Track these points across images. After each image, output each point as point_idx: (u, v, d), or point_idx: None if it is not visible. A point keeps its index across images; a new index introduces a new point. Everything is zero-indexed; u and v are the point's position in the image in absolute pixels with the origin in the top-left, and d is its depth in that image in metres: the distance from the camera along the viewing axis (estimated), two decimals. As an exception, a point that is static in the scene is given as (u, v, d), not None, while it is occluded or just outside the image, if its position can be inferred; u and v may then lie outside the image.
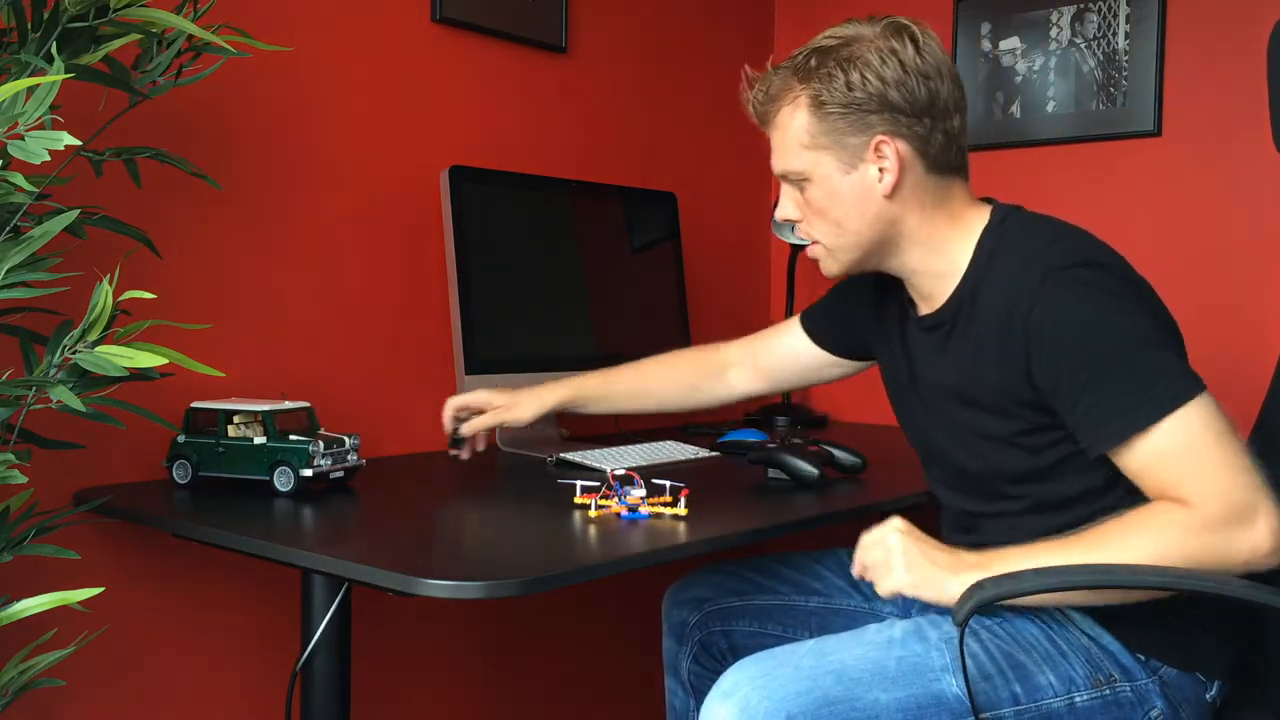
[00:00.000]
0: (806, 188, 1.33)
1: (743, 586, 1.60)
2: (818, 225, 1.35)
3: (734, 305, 2.58)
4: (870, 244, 1.33)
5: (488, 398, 1.64)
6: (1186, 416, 1.15)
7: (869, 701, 1.12)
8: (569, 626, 2.22)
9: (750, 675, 1.14)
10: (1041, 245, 1.25)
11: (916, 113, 1.27)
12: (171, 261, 1.58)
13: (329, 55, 1.78)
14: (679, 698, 1.64)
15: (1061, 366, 1.19)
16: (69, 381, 1.16)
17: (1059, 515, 1.27)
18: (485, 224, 1.85)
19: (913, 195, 1.31)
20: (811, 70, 1.29)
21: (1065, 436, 1.24)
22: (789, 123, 1.32)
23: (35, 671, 1.20)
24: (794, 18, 2.64)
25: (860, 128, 1.28)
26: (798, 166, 1.32)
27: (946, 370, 1.34)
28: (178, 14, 1.21)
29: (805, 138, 1.31)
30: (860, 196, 1.30)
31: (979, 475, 1.33)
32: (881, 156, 1.28)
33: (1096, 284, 1.20)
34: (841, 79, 1.27)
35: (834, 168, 1.30)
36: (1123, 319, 1.19)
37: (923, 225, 1.32)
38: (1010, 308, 1.23)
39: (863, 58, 1.27)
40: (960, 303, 1.31)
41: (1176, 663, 1.25)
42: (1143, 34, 2.12)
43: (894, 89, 1.26)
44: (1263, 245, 2.02)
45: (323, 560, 1.14)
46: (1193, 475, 1.14)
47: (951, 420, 1.34)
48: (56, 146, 1.05)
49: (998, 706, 1.17)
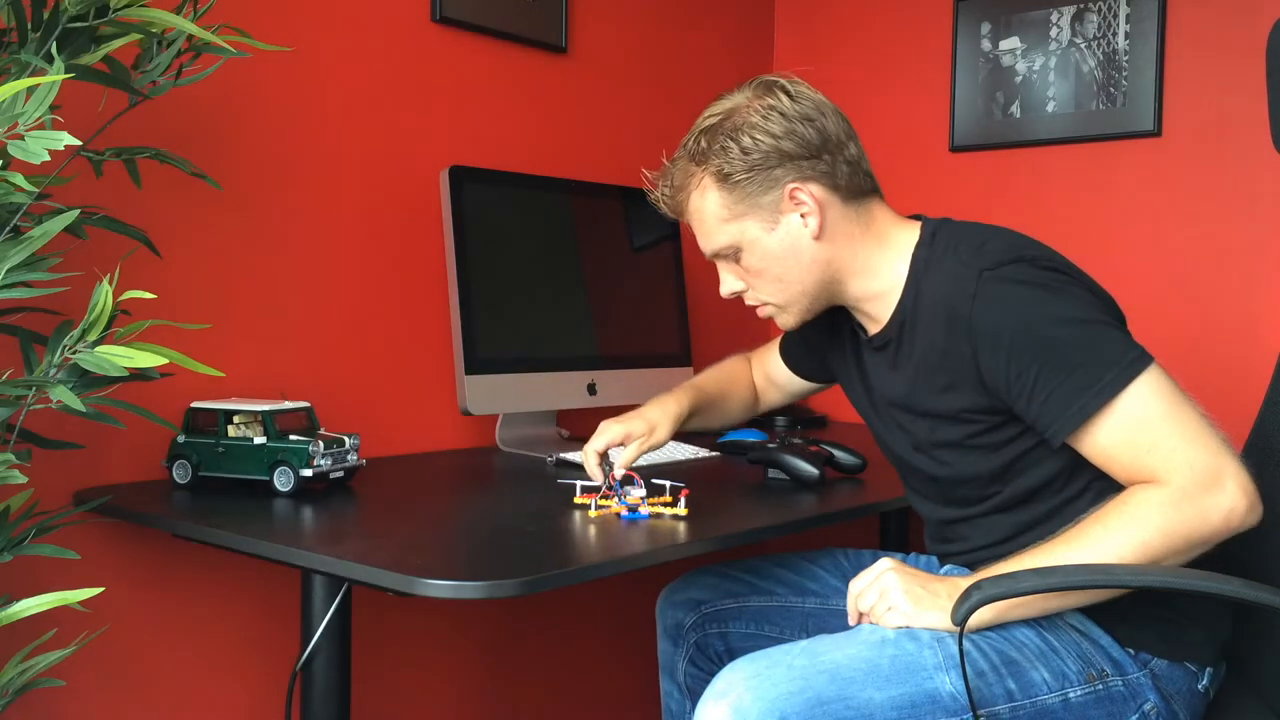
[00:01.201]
0: (741, 257, 1.37)
1: (738, 588, 1.60)
2: (762, 287, 1.39)
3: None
4: (815, 289, 1.37)
5: (624, 429, 1.52)
6: (1139, 391, 1.17)
7: (862, 700, 1.13)
8: (569, 626, 2.22)
9: (743, 675, 1.14)
10: (970, 250, 1.27)
11: (813, 153, 1.32)
12: (171, 261, 1.58)
13: (329, 55, 1.78)
14: (675, 699, 1.63)
15: (1010, 364, 1.21)
16: (69, 381, 1.16)
17: (1027, 510, 1.31)
18: (485, 224, 1.85)
19: (838, 230, 1.35)
20: (704, 150, 1.34)
21: (1021, 431, 1.27)
22: (701, 205, 1.37)
23: (35, 671, 1.20)
24: (794, 18, 2.64)
25: (768, 185, 1.32)
26: (725, 241, 1.36)
27: (898, 385, 1.37)
28: (178, 14, 1.21)
29: (723, 212, 1.35)
30: (792, 247, 1.34)
31: (946, 482, 1.36)
32: (798, 203, 1.32)
33: (1028, 278, 1.23)
34: (735, 148, 1.32)
35: (759, 230, 1.34)
36: (1060, 307, 1.21)
37: (856, 255, 1.36)
38: (950, 316, 1.25)
39: (747, 122, 1.32)
40: (902, 319, 1.34)
41: (1164, 653, 1.26)
42: (1143, 34, 2.12)
43: (785, 140, 1.31)
44: (1262, 246, 2.02)
45: (323, 560, 1.14)
46: (1154, 449, 1.17)
47: (911, 433, 1.37)
48: (56, 146, 1.05)
49: (992, 704, 1.17)
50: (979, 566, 1.39)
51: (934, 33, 2.40)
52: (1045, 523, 1.30)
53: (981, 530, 1.36)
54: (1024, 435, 1.27)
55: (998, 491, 1.32)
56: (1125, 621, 1.26)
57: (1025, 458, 1.28)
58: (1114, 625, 1.26)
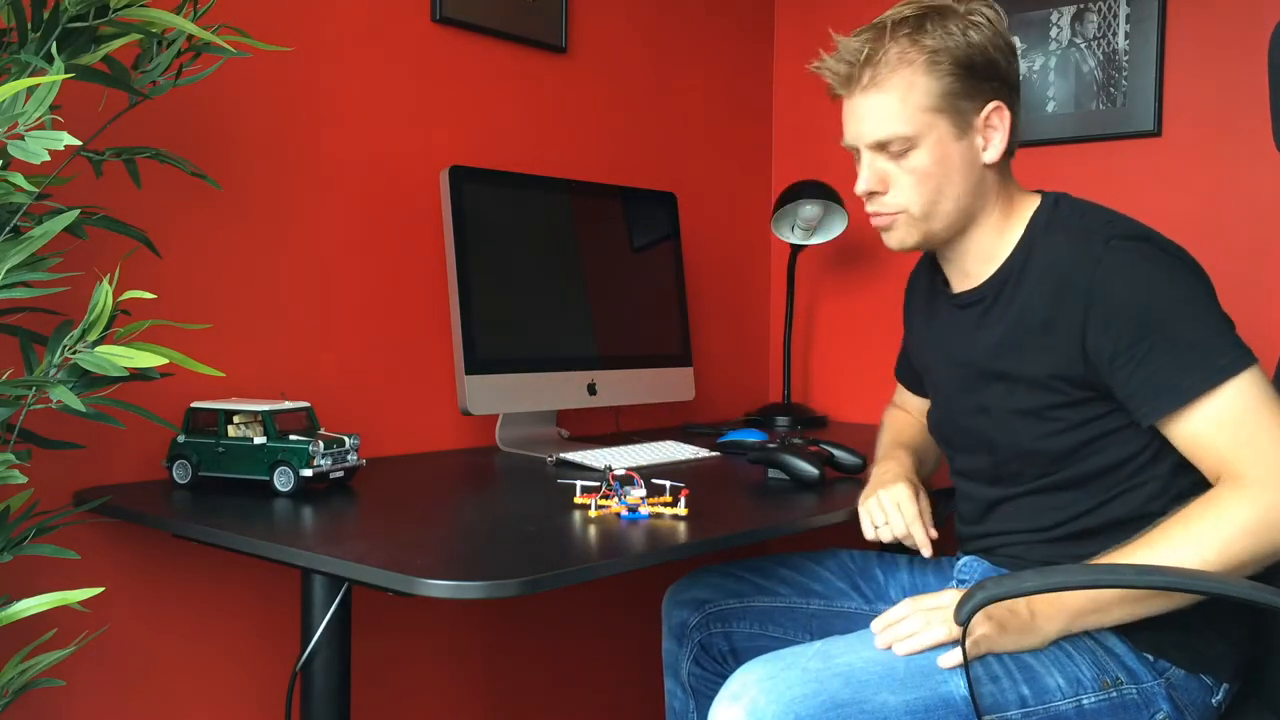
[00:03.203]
0: (910, 154, 1.30)
1: (743, 588, 1.60)
2: (911, 192, 1.31)
3: (734, 305, 2.58)
4: (962, 213, 1.33)
5: (908, 489, 1.41)
6: (1244, 383, 1.18)
7: (877, 704, 1.12)
8: (569, 626, 2.22)
9: (757, 678, 1.14)
10: (1099, 220, 1.28)
11: (1015, 86, 1.31)
12: (171, 261, 1.58)
13: (329, 55, 1.78)
14: (678, 699, 1.63)
15: (1122, 336, 1.21)
16: (69, 381, 1.16)
17: (1076, 494, 1.30)
18: (485, 224, 1.85)
19: (1001, 169, 1.34)
20: (927, 27, 1.27)
21: (1101, 414, 1.26)
22: (899, 85, 1.28)
23: (35, 671, 1.20)
24: (794, 18, 2.64)
25: (976, 93, 1.29)
26: (909, 131, 1.28)
27: (982, 345, 1.35)
28: (178, 14, 1.21)
29: (923, 99, 1.28)
30: (968, 163, 1.31)
31: (1005, 454, 1.35)
32: (991, 126, 1.30)
33: (1156, 258, 1.23)
34: (963, 40, 1.26)
35: (948, 132, 1.29)
36: (1182, 291, 1.22)
37: (997, 202, 1.35)
38: (1063, 280, 1.25)
39: (983, 16, 1.28)
40: (1005, 277, 1.33)
41: (1184, 663, 1.25)
42: (1143, 34, 2.12)
43: (1005, 58, 1.29)
44: (1263, 245, 2.02)
45: (323, 560, 1.14)
46: (1249, 442, 1.17)
47: (982, 397, 1.36)
48: (56, 146, 1.05)
49: (1005, 709, 1.16)
50: (1002, 553, 1.39)
51: (934, 33, 2.40)
52: (1089, 514, 1.30)
53: (1026, 513, 1.35)
54: (1103, 417, 1.27)
55: (1055, 471, 1.31)
56: (1148, 626, 1.24)
57: (1095, 441, 1.28)
58: (1135, 631, 1.24)
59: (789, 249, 2.47)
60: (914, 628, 1.17)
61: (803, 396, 2.62)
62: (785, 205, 2.33)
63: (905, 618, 1.19)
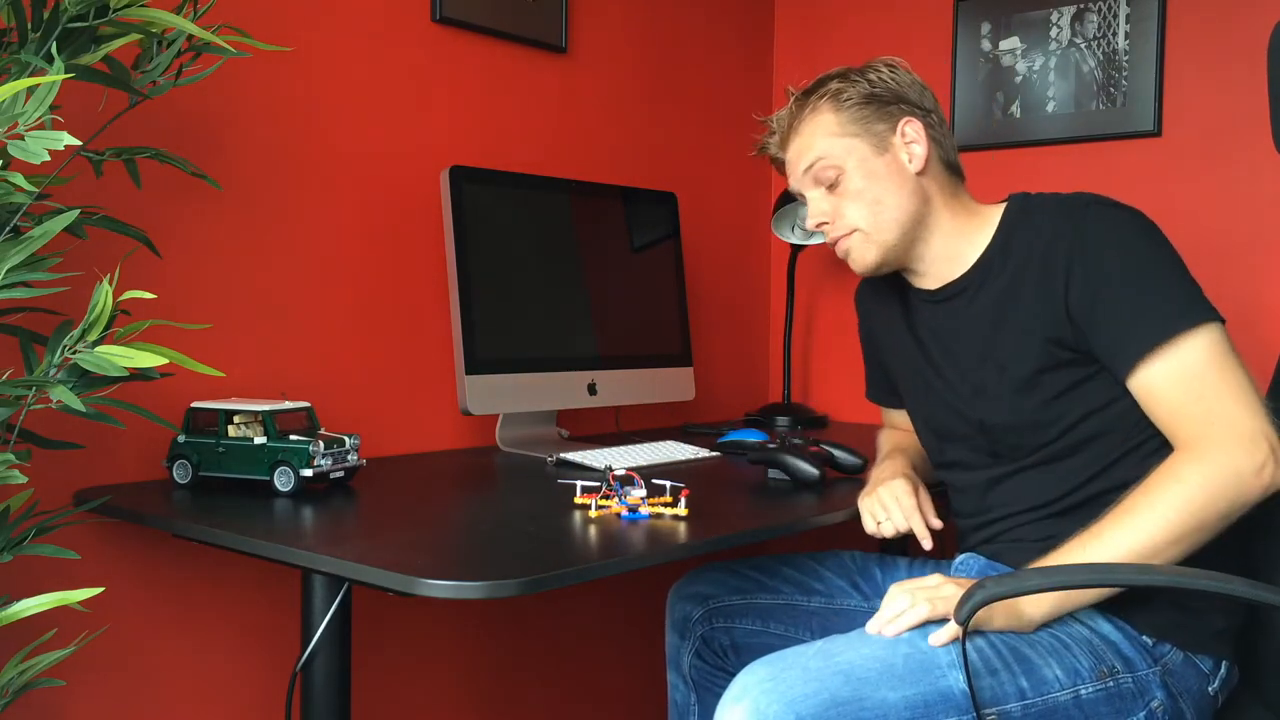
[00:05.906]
0: (840, 179, 1.42)
1: (745, 585, 1.61)
2: (855, 211, 1.43)
3: (734, 305, 2.58)
4: (909, 220, 1.42)
5: (907, 484, 1.44)
6: (1205, 339, 1.24)
7: (877, 700, 1.12)
8: (569, 626, 2.22)
9: (759, 678, 1.14)
10: (1077, 196, 1.36)
11: (927, 109, 1.43)
12: (171, 261, 1.58)
13: (329, 55, 1.78)
14: (680, 691, 1.64)
15: (1101, 280, 1.27)
16: (69, 381, 1.16)
17: (1075, 462, 1.34)
18: (485, 224, 1.85)
19: (936, 180, 1.43)
20: (823, 85, 1.44)
21: (1086, 377, 1.31)
22: (814, 126, 1.44)
23: (35, 671, 1.20)
24: (794, 18, 2.64)
25: (883, 117, 1.42)
26: (829, 152, 1.42)
27: (965, 331, 1.41)
28: (178, 14, 1.21)
29: (834, 128, 1.42)
30: (896, 173, 1.41)
31: (1001, 429, 1.39)
32: (908, 139, 1.40)
33: (1133, 219, 1.31)
34: (860, 80, 1.43)
35: (868, 151, 1.41)
36: (1159, 250, 1.29)
37: (946, 207, 1.43)
38: (1052, 241, 1.32)
39: (873, 69, 1.44)
40: (986, 264, 1.40)
41: (1182, 643, 1.27)
42: (1143, 34, 2.12)
43: (907, 89, 1.43)
44: (1263, 245, 2.02)
45: (323, 560, 1.14)
46: (1203, 398, 1.23)
47: (976, 376, 1.41)
48: (56, 146, 1.05)
49: (1004, 701, 1.17)
50: (1005, 539, 1.39)
51: (934, 33, 2.40)
52: (1088, 483, 1.33)
53: (1027, 488, 1.38)
54: (1092, 379, 1.31)
55: (1052, 440, 1.35)
56: (1146, 608, 1.26)
57: (1090, 408, 1.32)
58: (1133, 612, 1.27)
59: (789, 249, 2.47)
60: (900, 608, 1.21)
61: (803, 396, 2.62)
62: (785, 205, 2.33)
63: (892, 601, 1.22)
